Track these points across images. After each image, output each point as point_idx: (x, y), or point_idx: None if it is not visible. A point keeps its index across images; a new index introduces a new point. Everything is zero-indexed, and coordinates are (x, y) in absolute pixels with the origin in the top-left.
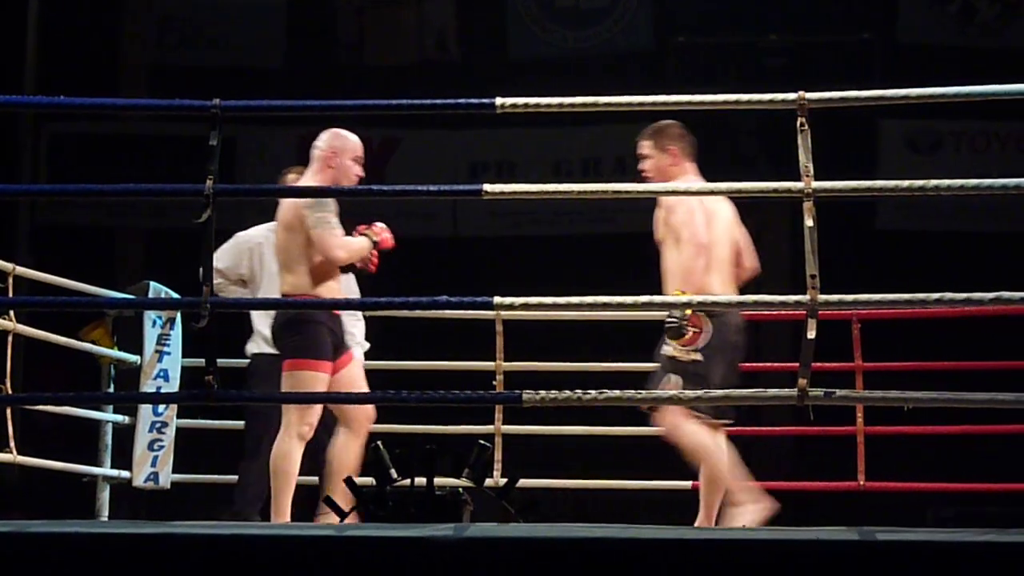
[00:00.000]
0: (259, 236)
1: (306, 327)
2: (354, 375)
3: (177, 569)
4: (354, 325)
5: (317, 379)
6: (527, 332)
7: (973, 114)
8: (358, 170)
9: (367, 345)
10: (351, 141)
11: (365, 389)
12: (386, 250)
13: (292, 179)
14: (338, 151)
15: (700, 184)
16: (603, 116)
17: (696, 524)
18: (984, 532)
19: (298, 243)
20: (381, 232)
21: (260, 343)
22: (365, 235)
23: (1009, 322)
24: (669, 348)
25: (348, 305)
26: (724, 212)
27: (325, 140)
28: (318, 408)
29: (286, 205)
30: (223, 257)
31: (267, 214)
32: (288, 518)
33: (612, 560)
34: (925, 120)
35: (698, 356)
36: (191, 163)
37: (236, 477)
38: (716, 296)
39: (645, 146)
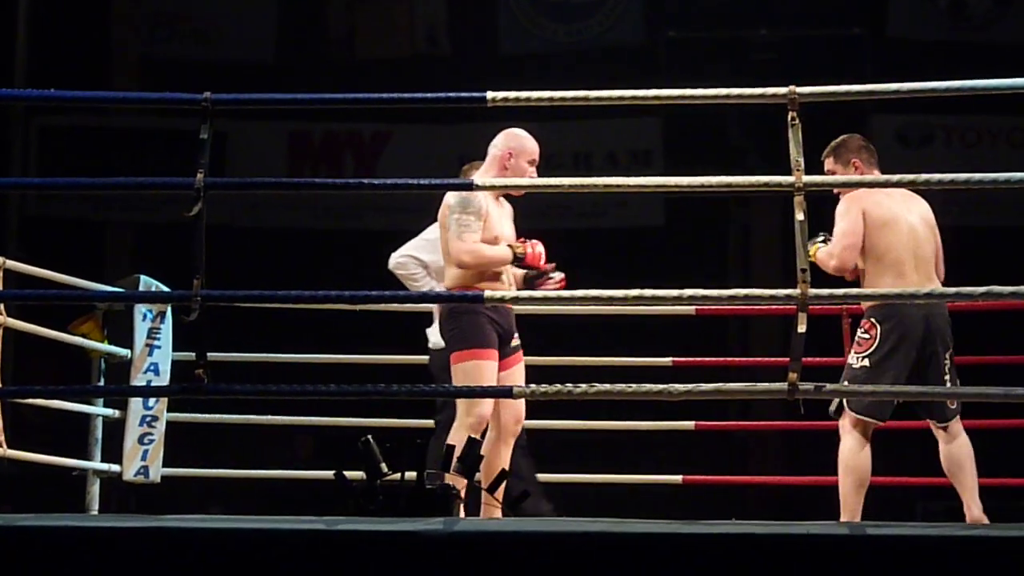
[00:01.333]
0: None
1: (463, 318)
2: (516, 377)
3: (168, 563)
4: None
5: (482, 367)
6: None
7: (964, 109)
8: (532, 172)
9: None
10: (528, 143)
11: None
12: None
13: (471, 173)
14: (515, 152)
15: (691, 179)
16: (594, 110)
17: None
18: (973, 527)
19: (446, 241)
20: (529, 247)
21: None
22: (511, 247)
23: (999, 316)
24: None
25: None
26: (906, 216)
27: (502, 141)
28: (487, 400)
29: (440, 203)
30: (425, 249)
31: (259, 208)
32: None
33: (602, 554)
34: (916, 115)
35: (866, 363)
36: (182, 157)
37: (226, 471)
38: (708, 291)
39: (828, 163)
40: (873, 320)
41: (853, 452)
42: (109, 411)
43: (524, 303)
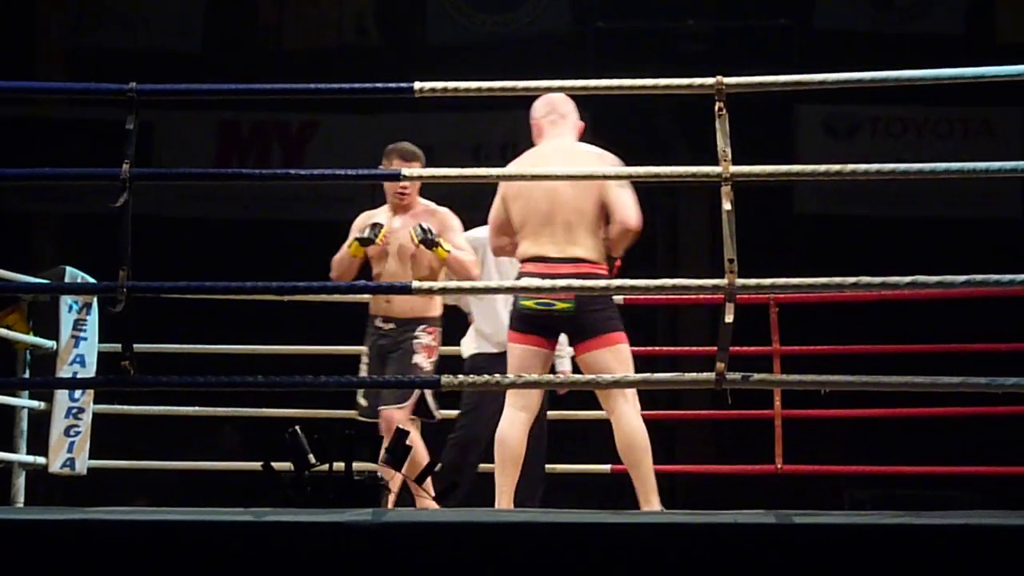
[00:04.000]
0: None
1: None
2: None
3: (94, 555)
4: None
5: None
6: (447, 317)
7: (890, 99)
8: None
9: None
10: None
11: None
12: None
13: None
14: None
15: (615, 169)
16: (522, 100)
17: None
18: (899, 515)
19: None
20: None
21: (481, 342)
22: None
23: (924, 306)
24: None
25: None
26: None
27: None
28: (524, 368)
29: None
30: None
31: (186, 198)
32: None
33: (528, 544)
34: (842, 105)
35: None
36: (108, 147)
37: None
38: (635, 281)
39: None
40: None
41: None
42: (34, 403)
43: (452, 293)
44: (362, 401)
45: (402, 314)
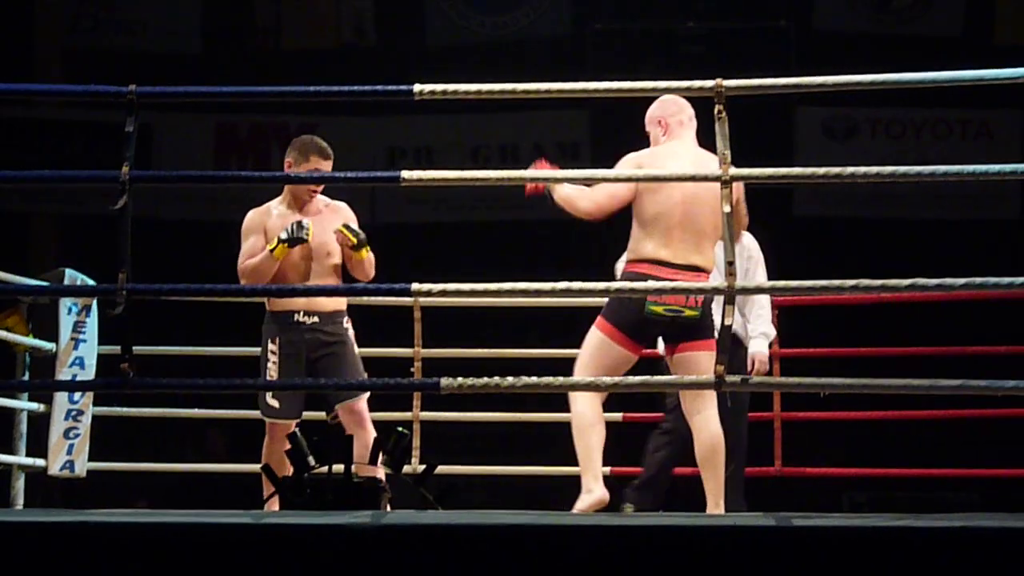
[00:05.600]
0: None
1: None
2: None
3: (94, 558)
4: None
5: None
6: (445, 319)
7: (888, 101)
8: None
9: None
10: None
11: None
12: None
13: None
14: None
15: (625, 172)
16: (521, 103)
17: None
18: (898, 517)
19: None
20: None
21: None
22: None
23: (924, 308)
24: None
25: (259, 291)
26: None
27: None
28: (605, 365)
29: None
30: None
31: (185, 200)
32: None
33: (530, 547)
34: (841, 107)
35: None
36: (107, 149)
37: (153, 465)
38: (636, 283)
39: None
40: None
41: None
42: (34, 405)
43: (452, 296)
44: (272, 402)
45: (326, 307)
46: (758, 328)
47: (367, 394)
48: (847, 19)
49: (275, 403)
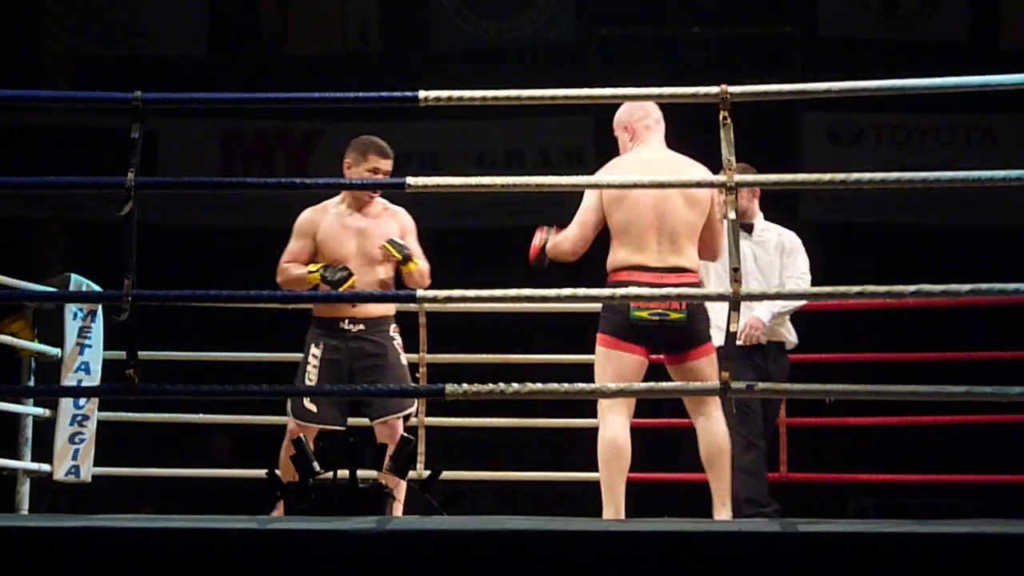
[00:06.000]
0: None
1: None
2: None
3: (98, 563)
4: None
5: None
6: (450, 325)
7: (893, 107)
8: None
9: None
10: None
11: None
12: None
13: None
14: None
15: (628, 178)
16: (526, 109)
17: None
18: (904, 523)
19: None
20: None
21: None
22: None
23: (930, 314)
24: None
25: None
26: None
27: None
28: (618, 374)
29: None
30: None
31: (191, 207)
32: (619, 512)
33: (536, 552)
34: (846, 113)
35: None
36: (112, 155)
37: (158, 471)
38: (641, 290)
39: None
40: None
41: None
42: (39, 410)
43: (458, 302)
44: (310, 407)
45: (372, 313)
46: (775, 308)
47: (405, 412)
48: (852, 25)
49: (312, 407)
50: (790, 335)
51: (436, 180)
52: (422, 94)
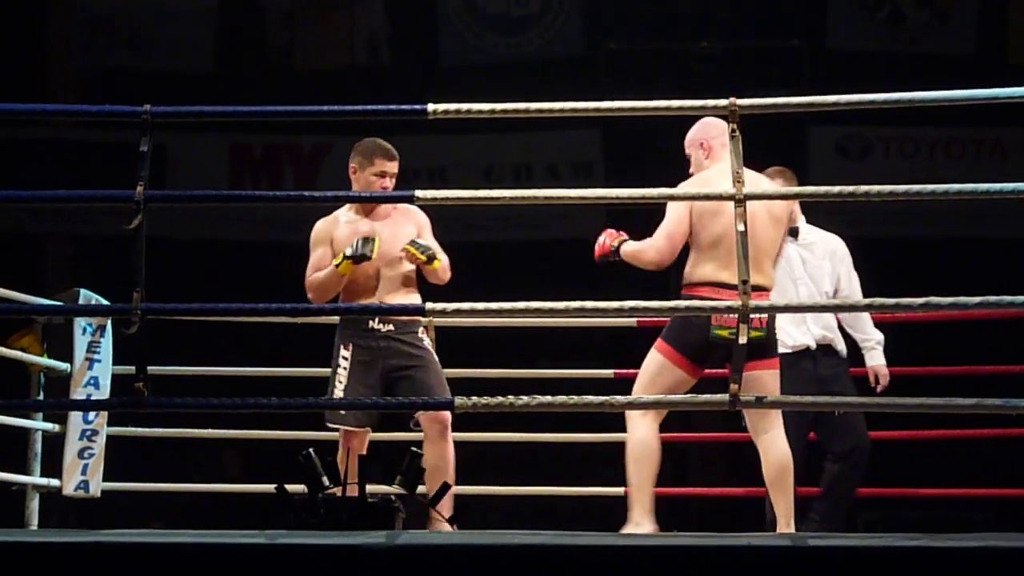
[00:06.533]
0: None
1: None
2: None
3: None
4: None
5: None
6: (458, 338)
7: (902, 120)
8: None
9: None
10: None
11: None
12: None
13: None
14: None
15: (632, 191)
16: (534, 122)
17: None
18: (913, 537)
19: None
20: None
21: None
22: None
23: (937, 327)
24: None
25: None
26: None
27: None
28: (665, 388)
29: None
30: None
31: (199, 220)
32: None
33: (544, 567)
34: (855, 126)
35: None
36: (122, 169)
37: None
38: (649, 303)
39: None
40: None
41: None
42: (49, 425)
43: (466, 315)
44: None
45: (401, 314)
46: (871, 337)
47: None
48: (860, 38)
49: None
50: (839, 342)
51: (444, 193)
52: (431, 107)
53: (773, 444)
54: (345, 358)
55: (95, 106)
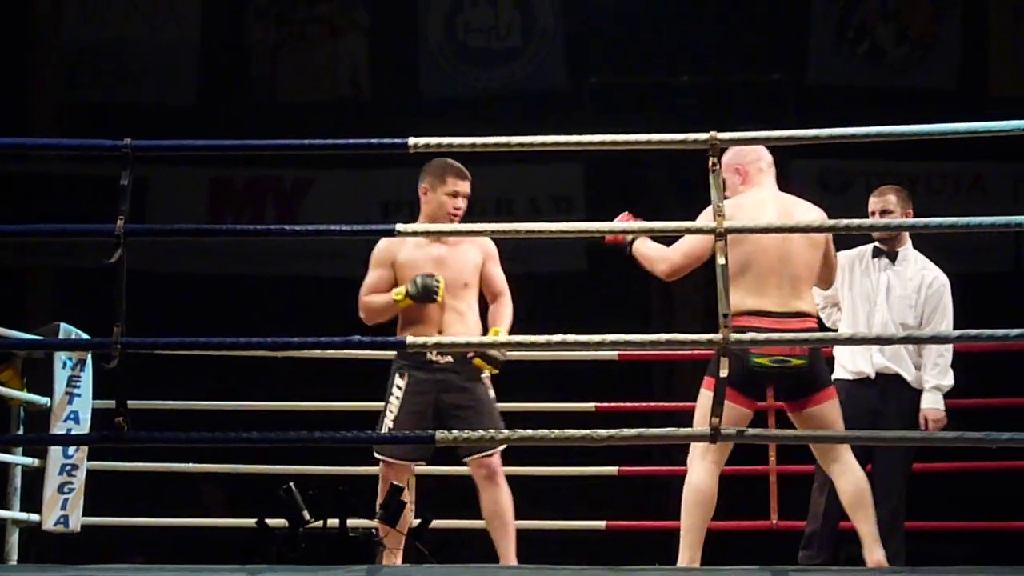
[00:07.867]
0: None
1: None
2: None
3: None
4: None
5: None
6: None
7: (883, 154)
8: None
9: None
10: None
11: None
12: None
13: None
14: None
15: (626, 224)
16: (516, 156)
17: None
18: (896, 571)
19: None
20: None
21: (838, 368)
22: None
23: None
24: None
25: (254, 345)
26: None
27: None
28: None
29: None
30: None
31: (180, 254)
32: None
33: None
34: (836, 160)
35: None
36: (102, 203)
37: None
38: (630, 336)
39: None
40: None
41: None
42: (28, 460)
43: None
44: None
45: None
46: (932, 379)
47: (501, 448)
48: (841, 72)
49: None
50: (908, 372)
51: (425, 226)
52: (411, 141)
53: (846, 470)
54: (399, 387)
55: (75, 140)
